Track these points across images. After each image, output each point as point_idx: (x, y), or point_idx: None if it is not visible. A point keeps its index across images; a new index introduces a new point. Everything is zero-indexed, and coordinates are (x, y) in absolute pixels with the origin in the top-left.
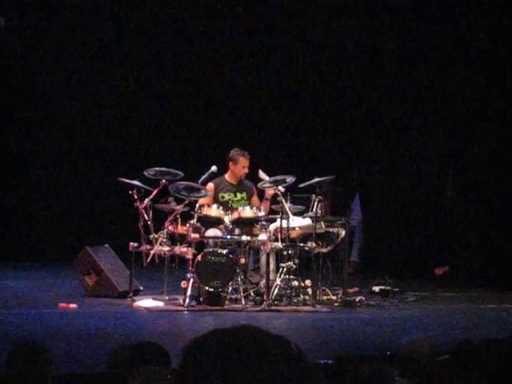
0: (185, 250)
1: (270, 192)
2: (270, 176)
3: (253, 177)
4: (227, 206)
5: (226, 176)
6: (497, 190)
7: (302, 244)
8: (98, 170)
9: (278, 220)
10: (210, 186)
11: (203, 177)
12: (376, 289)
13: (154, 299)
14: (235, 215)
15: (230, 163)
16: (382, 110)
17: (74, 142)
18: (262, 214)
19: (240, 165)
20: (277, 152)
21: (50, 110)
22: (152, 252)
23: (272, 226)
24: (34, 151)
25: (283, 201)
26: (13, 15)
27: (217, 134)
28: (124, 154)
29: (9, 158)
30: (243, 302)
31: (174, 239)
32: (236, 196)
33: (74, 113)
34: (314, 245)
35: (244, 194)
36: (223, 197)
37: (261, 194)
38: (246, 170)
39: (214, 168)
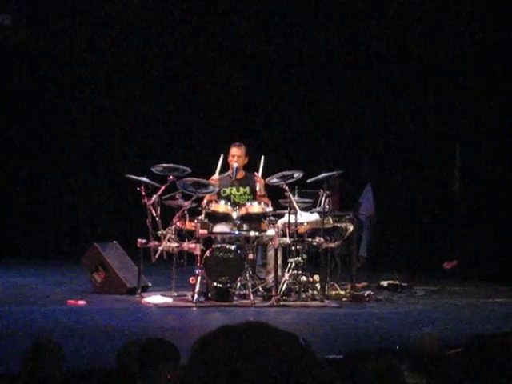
0: (193, 245)
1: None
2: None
3: (254, 168)
4: (231, 201)
5: (230, 171)
6: (506, 182)
7: (310, 239)
8: (105, 166)
9: (286, 215)
10: (216, 177)
11: (218, 169)
12: (384, 283)
13: (162, 295)
14: (243, 211)
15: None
16: (389, 104)
17: (81, 138)
18: (269, 209)
19: (230, 154)
20: (284, 147)
21: (57, 108)
22: (160, 248)
23: (280, 222)
24: (43, 149)
25: (291, 196)
26: (20, 13)
27: (224, 129)
28: (132, 151)
29: (17, 156)
30: (252, 297)
31: (182, 235)
32: (238, 190)
33: (82, 109)
34: (321, 240)
35: (247, 189)
36: (224, 191)
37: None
38: (236, 159)
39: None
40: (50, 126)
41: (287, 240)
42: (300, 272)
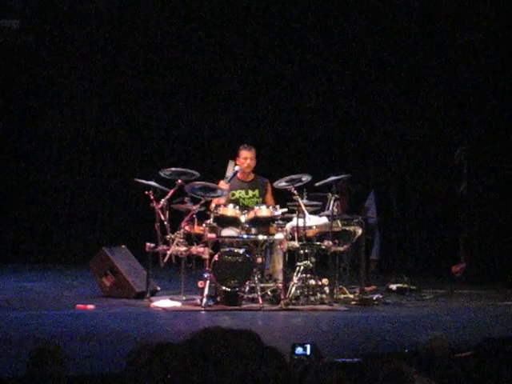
0: (201, 249)
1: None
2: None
3: (262, 171)
4: (240, 204)
5: (238, 174)
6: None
7: (318, 243)
8: (114, 170)
9: (295, 219)
10: (224, 183)
11: (229, 174)
12: (393, 287)
13: (171, 299)
14: (251, 214)
15: (237, 158)
16: (397, 106)
17: (90, 142)
18: (278, 213)
19: (241, 157)
20: (293, 151)
21: (64, 111)
22: (169, 252)
23: (288, 225)
24: (51, 153)
25: (299, 199)
26: (27, 17)
27: (233, 133)
28: (140, 155)
29: (25, 160)
30: (260, 301)
31: (190, 239)
32: (247, 193)
33: (90, 113)
34: (330, 243)
35: (256, 192)
36: (233, 194)
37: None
38: (249, 162)
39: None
40: (56, 128)
41: (296, 243)
42: (308, 275)
